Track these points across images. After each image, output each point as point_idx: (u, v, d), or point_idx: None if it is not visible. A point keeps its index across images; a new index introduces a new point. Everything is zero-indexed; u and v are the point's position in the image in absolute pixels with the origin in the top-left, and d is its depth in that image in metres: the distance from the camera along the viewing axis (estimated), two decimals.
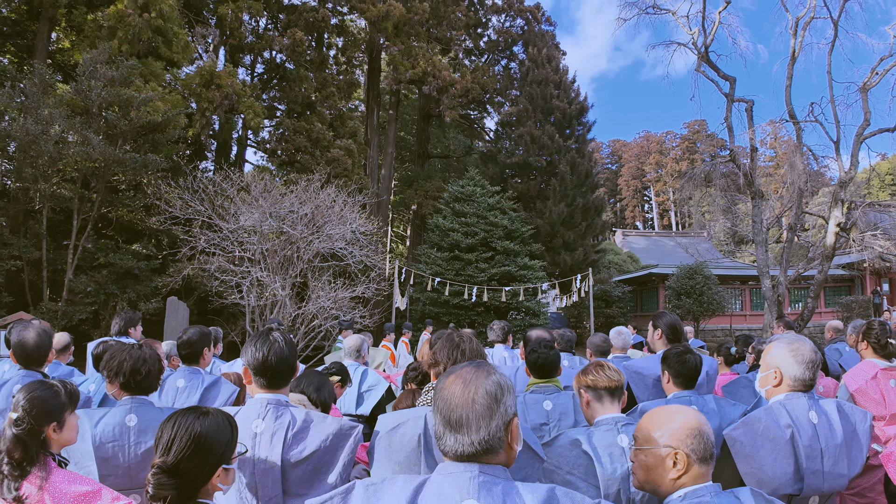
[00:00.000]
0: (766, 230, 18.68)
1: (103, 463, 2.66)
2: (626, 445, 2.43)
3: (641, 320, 27.04)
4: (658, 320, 4.11)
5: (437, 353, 2.46)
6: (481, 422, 1.43)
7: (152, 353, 2.83)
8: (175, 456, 1.67)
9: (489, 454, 1.44)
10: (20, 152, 14.85)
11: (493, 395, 1.46)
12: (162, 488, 1.62)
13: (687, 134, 73.35)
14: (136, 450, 2.66)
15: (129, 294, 15.59)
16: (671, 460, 1.85)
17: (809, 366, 2.69)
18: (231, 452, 1.79)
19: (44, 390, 2.20)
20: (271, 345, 2.36)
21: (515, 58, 30.57)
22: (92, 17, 17.74)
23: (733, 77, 19.16)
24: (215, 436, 1.74)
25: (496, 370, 1.54)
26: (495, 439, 1.44)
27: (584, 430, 2.50)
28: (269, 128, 23.77)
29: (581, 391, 2.63)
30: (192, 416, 1.76)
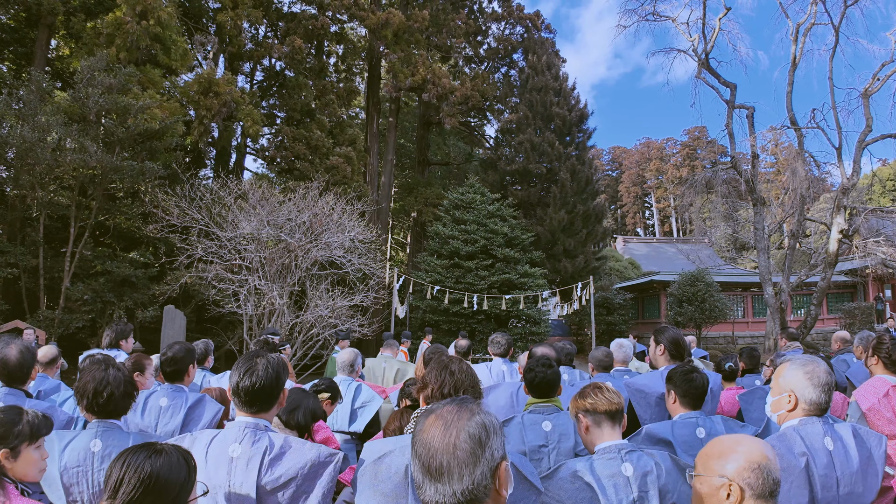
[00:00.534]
0: (767, 237, 18.57)
1: (67, 490, 2.55)
2: (630, 475, 2.31)
3: (643, 327, 26.93)
4: (660, 335, 3.98)
5: (427, 375, 2.34)
6: (464, 470, 1.28)
7: (117, 374, 2.67)
8: (122, 499, 1.53)
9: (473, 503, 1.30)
10: (17, 159, 14.76)
11: (477, 439, 1.31)
12: None
13: (687, 140, 73.36)
14: (97, 477, 2.53)
15: (127, 302, 15.48)
16: (725, 491, 1.77)
17: (825, 388, 2.58)
18: (186, 495, 1.64)
19: (3, 413, 2.05)
20: (251, 368, 2.28)
21: (515, 65, 30.58)
22: (91, 24, 17.70)
23: (734, 83, 19.12)
24: (167, 476, 1.59)
25: (481, 409, 1.40)
26: (480, 488, 1.29)
27: (586, 460, 2.36)
28: (268, 135, 23.70)
29: (579, 416, 2.50)
30: (144, 454, 1.62)
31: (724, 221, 23.88)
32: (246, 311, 13.56)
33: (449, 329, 19.20)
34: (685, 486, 2.40)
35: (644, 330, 26.36)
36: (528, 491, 2.20)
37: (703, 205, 25.20)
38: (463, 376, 2.30)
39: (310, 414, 3.09)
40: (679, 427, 3.10)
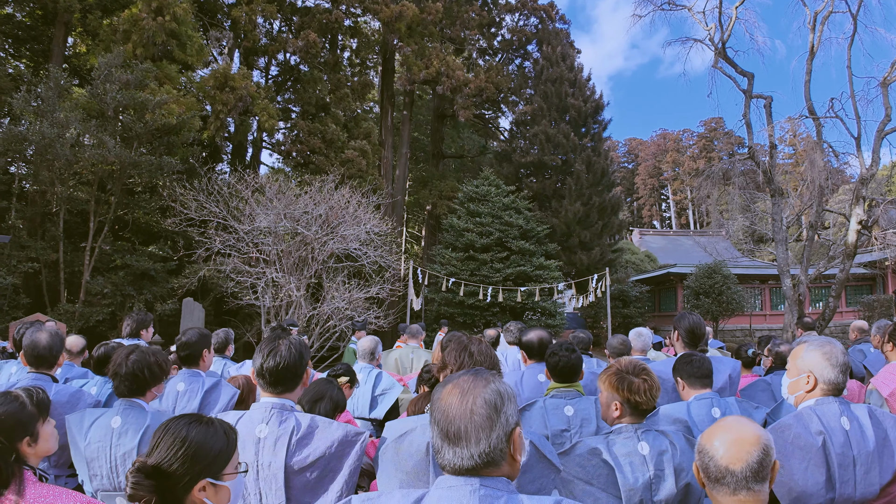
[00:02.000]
0: (785, 228, 18.38)
1: (91, 463, 2.66)
2: (647, 453, 2.33)
3: (659, 320, 26.80)
4: (678, 322, 3.99)
5: (446, 356, 2.36)
6: (481, 433, 1.35)
7: (140, 357, 2.77)
8: (155, 458, 1.58)
9: (490, 467, 1.36)
10: (37, 155, 14.97)
11: (493, 405, 1.37)
12: (137, 488, 1.53)
13: (704, 132, 72.65)
14: (115, 452, 2.63)
15: (146, 295, 15.67)
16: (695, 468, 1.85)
17: (843, 369, 2.59)
18: (220, 466, 1.66)
19: (8, 404, 2.04)
20: (274, 350, 2.31)
21: (529, 56, 30.44)
22: (107, 21, 17.87)
23: (751, 73, 18.88)
24: (201, 443, 1.62)
25: (496, 378, 1.45)
26: (496, 451, 1.35)
27: (603, 438, 2.38)
28: (283, 130, 23.84)
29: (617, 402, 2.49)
30: (185, 421, 1.67)
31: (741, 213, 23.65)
32: (264, 303, 13.68)
33: (464, 322, 19.22)
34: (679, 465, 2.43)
35: (661, 323, 26.22)
36: (547, 469, 2.23)
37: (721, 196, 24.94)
38: (482, 357, 2.32)
39: (332, 405, 3.12)
40: (695, 407, 3.13)
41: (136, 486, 1.54)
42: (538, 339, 4.12)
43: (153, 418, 2.72)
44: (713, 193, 23.02)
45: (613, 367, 2.53)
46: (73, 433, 2.78)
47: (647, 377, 2.45)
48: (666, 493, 2.29)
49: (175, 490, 1.58)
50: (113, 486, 2.66)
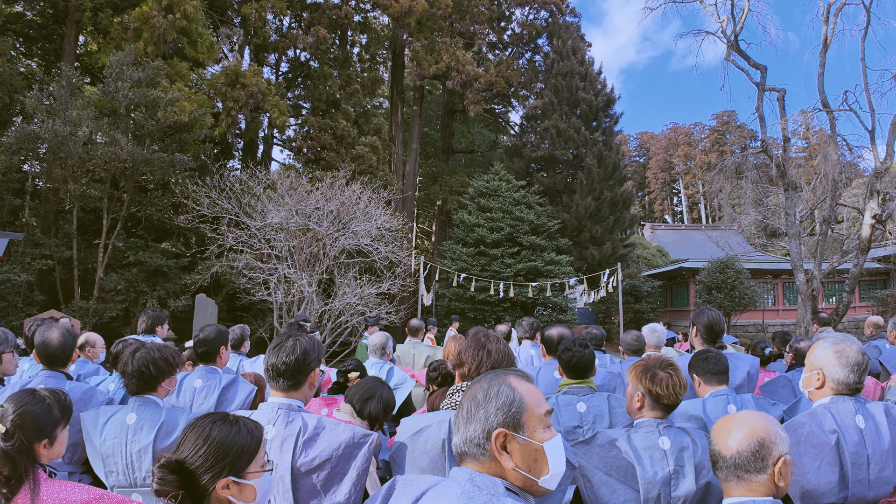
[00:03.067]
0: (799, 223, 18.22)
1: (107, 460, 2.68)
2: (667, 448, 2.32)
3: (672, 316, 26.68)
4: (697, 318, 3.97)
5: (463, 353, 2.35)
6: (461, 424, 1.44)
7: (147, 353, 2.79)
8: (180, 454, 1.60)
9: (467, 459, 1.42)
10: (49, 153, 15.09)
11: (476, 400, 1.43)
12: (162, 483, 1.56)
13: (716, 125, 72.10)
14: (130, 448, 2.65)
15: (159, 292, 15.77)
16: None
17: (854, 368, 2.57)
18: (243, 465, 1.66)
19: (35, 404, 2.06)
20: (279, 346, 2.31)
21: (540, 50, 30.31)
22: (118, 19, 17.94)
23: (764, 66, 18.69)
24: (224, 441, 1.64)
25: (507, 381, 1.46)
26: (471, 444, 1.40)
27: (623, 431, 2.38)
28: (294, 126, 23.88)
29: (640, 392, 2.49)
30: (211, 419, 1.69)
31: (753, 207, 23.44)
32: (276, 299, 13.74)
33: (475, 317, 19.22)
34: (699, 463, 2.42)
35: (673, 318, 26.11)
36: None
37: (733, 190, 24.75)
38: (500, 356, 2.32)
39: (383, 405, 3.10)
40: (710, 404, 3.12)
41: (162, 481, 1.56)
42: (557, 335, 4.10)
43: (168, 414, 2.73)
44: (726, 187, 22.84)
45: (642, 360, 2.53)
46: (87, 430, 2.79)
47: (672, 371, 2.45)
48: (685, 489, 2.28)
49: (199, 487, 1.60)
50: (129, 482, 2.67)
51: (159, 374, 2.80)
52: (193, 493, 1.59)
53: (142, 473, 2.65)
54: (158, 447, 2.64)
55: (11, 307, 14.22)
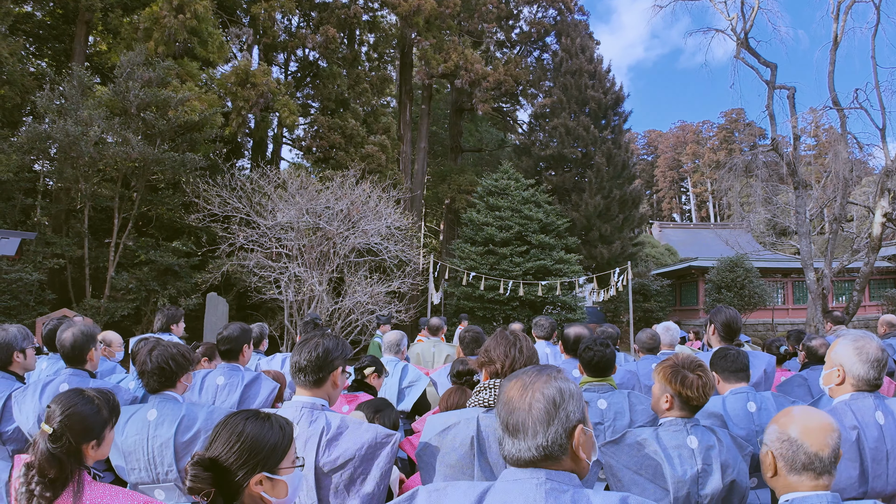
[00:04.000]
0: (809, 221, 18.13)
1: (128, 457, 2.69)
2: (695, 447, 2.33)
3: (681, 314, 26.60)
4: (715, 316, 3.97)
5: (492, 351, 2.35)
6: (538, 427, 1.39)
7: (163, 351, 2.81)
8: (214, 451, 1.61)
9: (549, 461, 1.39)
10: (60, 153, 15.17)
11: (552, 400, 1.41)
12: (196, 480, 1.55)
13: (724, 123, 71.76)
14: (152, 444, 2.66)
15: (170, 290, 15.84)
16: (767, 459, 1.84)
17: (874, 365, 2.58)
18: (278, 460, 1.68)
19: (84, 405, 2.02)
20: (305, 346, 2.33)
21: (548, 49, 30.25)
22: (128, 19, 18.04)
23: (774, 63, 18.59)
24: (257, 438, 1.65)
25: (561, 376, 1.48)
26: (555, 446, 1.38)
27: (652, 430, 2.39)
28: (303, 125, 23.93)
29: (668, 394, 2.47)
30: (243, 416, 1.70)
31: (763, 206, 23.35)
32: (287, 297, 13.80)
33: (484, 316, 19.23)
34: (743, 463, 2.44)
35: (682, 317, 26.04)
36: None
37: (742, 189, 24.66)
38: (530, 353, 2.33)
39: (390, 423, 3.15)
40: (730, 401, 3.13)
41: (195, 478, 1.55)
42: (574, 335, 4.12)
43: (188, 408, 2.75)
44: (735, 186, 22.76)
45: (671, 361, 2.52)
46: None
47: (702, 373, 2.45)
48: (712, 487, 2.29)
49: (232, 483, 1.60)
50: (151, 478, 2.69)
51: (179, 369, 2.82)
52: (225, 491, 1.59)
53: (164, 468, 2.66)
54: (179, 441, 2.66)
55: (23, 306, 14.31)
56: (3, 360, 3.39)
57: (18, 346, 3.43)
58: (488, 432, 2.18)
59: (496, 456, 2.16)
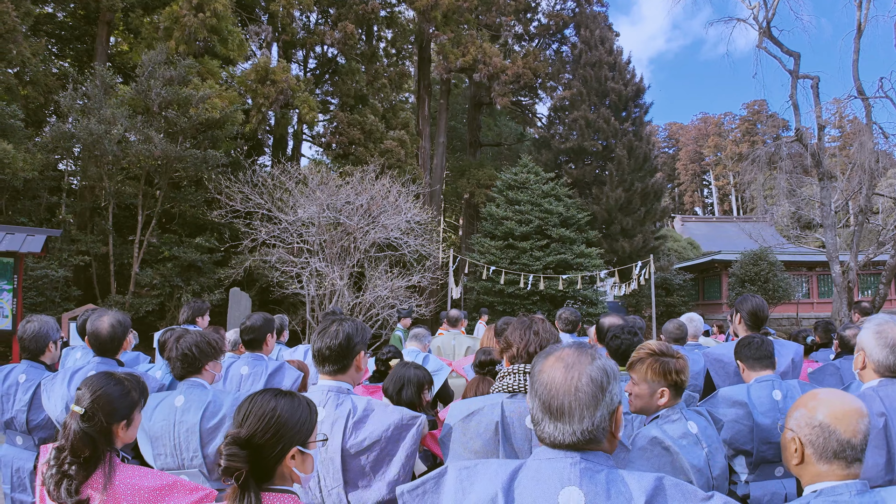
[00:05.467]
0: (834, 213, 17.85)
1: (155, 442, 2.73)
2: (696, 431, 2.32)
3: (703, 309, 26.33)
4: (740, 305, 3.92)
5: (510, 335, 2.35)
6: (585, 411, 1.35)
7: (190, 338, 2.85)
8: (248, 429, 1.60)
9: (592, 444, 1.36)
10: (84, 152, 15.42)
11: (599, 383, 1.37)
12: (233, 459, 1.55)
13: (746, 115, 70.79)
14: (178, 429, 2.69)
15: (193, 286, 16.03)
16: (793, 445, 1.74)
17: (895, 349, 2.52)
18: (308, 435, 1.70)
19: (113, 386, 2.05)
20: (324, 331, 2.35)
21: (567, 41, 30.04)
22: (148, 19, 18.25)
23: (797, 52, 18.30)
24: (290, 413, 1.67)
25: (600, 354, 1.44)
26: (599, 430, 1.36)
27: (656, 426, 2.34)
28: (323, 121, 24.03)
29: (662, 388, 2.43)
30: (271, 394, 1.71)
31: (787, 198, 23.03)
32: (308, 292, 13.90)
33: (504, 310, 19.19)
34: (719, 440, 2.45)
35: (705, 311, 25.77)
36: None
37: (766, 181, 24.33)
38: (547, 335, 2.31)
39: (415, 387, 3.16)
40: (755, 389, 3.10)
41: (232, 457, 1.55)
42: (608, 325, 4.10)
43: (214, 395, 2.78)
44: (758, 178, 22.45)
45: (646, 355, 2.45)
46: None
47: (680, 355, 2.44)
48: (720, 467, 2.30)
49: (267, 460, 1.61)
50: (177, 463, 2.72)
51: (202, 356, 2.85)
52: (260, 468, 1.60)
53: (189, 454, 2.70)
54: (204, 427, 2.69)
55: (49, 302, 14.57)
56: (38, 350, 3.46)
57: (53, 337, 3.50)
58: (513, 418, 2.18)
59: (521, 441, 2.16)
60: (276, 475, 1.64)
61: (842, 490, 1.63)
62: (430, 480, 1.52)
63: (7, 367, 3.50)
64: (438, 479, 1.51)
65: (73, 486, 1.86)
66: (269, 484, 1.62)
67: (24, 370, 3.42)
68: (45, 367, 3.52)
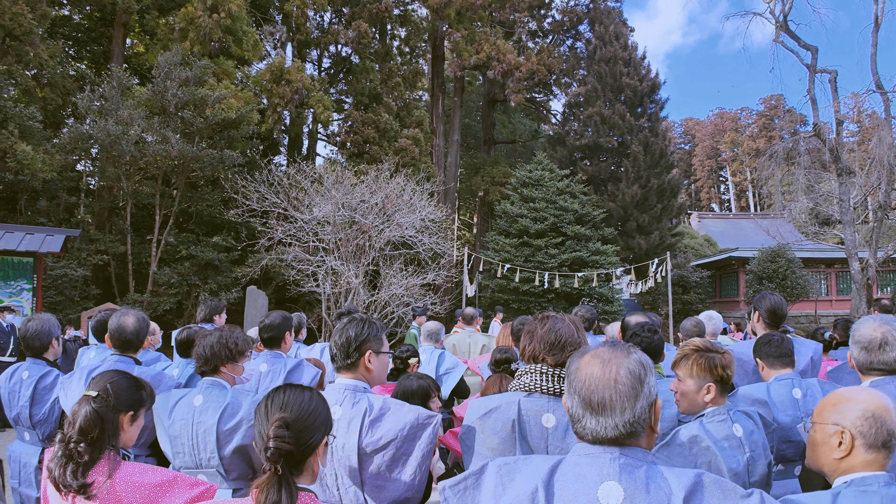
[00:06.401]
0: (853, 209, 17.64)
1: (174, 441, 2.74)
2: (741, 435, 2.30)
3: (721, 307, 26.10)
4: (759, 303, 3.89)
5: (525, 335, 2.33)
6: (626, 403, 1.36)
7: (212, 336, 2.86)
8: (293, 413, 1.62)
9: (632, 437, 1.37)
10: (102, 152, 15.62)
11: (637, 375, 1.39)
12: (282, 440, 1.55)
13: (763, 110, 70.01)
14: (196, 429, 2.69)
15: (211, 284, 16.18)
16: (837, 439, 1.78)
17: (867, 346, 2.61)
18: (331, 427, 1.74)
19: (124, 380, 2.12)
20: (339, 329, 2.36)
21: (581, 37, 29.90)
22: (163, 20, 18.40)
23: (815, 46, 18.10)
24: (322, 403, 1.72)
25: (635, 348, 1.46)
26: (640, 422, 1.37)
27: (698, 424, 2.33)
28: (337, 121, 24.12)
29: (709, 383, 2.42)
30: (298, 387, 1.74)
31: (804, 194, 22.77)
32: (324, 290, 13.98)
33: (518, 308, 19.15)
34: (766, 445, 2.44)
35: (722, 308, 25.53)
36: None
37: (784, 177, 24.06)
38: (568, 332, 2.30)
39: (419, 398, 3.15)
40: (775, 388, 3.07)
41: (280, 438, 1.55)
42: (633, 322, 4.08)
43: (233, 396, 2.78)
44: (776, 173, 22.22)
45: (691, 351, 2.46)
46: (158, 413, 2.86)
47: (725, 350, 2.44)
48: (760, 473, 2.27)
49: (304, 448, 1.61)
50: (195, 462, 2.73)
51: (214, 357, 2.83)
52: (300, 452, 1.60)
53: (206, 455, 2.70)
54: (222, 428, 2.69)
55: (69, 301, 14.78)
56: (41, 347, 3.51)
57: (55, 334, 3.56)
58: (529, 416, 2.18)
59: (537, 439, 2.16)
60: (305, 467, 1.64)
61: (871, 481, 1.70)
62: (470, 476, 1.54)
63: (14, 365, 3.57)
64: (479, 475, 1.53)
65: (79, 469, 1.88)
66: (296, 478, 1.61)
67: (27, 367, 3.48)
68: (47, 363, 3.57)
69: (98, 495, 1.89)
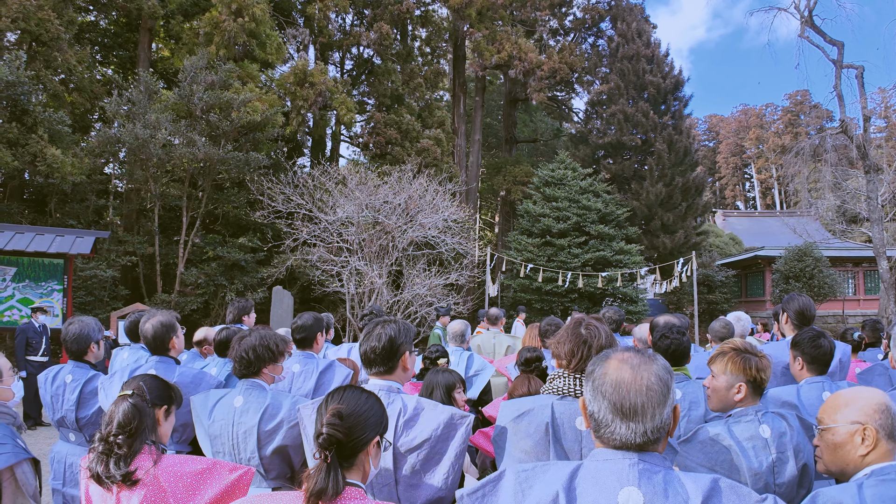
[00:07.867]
0: (881, 207, 17.35)
1: (214, 440, 2.81)
2: (768, 436, 2.30)
3: (746, 306, 25.78)
4: (787, 304, 3.87)
5: (558, 346, 2.37)
6: (656, 409, 1.38)
7: (249, 339, 2.90)
8: (348, 405, 1.68)
9: (656, 443, 1.40)
10: (130, 155, 15.89)
11: (665, 381, 1.41)
12: (335, 428, 1.61)
13: (789, 106, 68.86)
14: (237, 429, 2.75)
15: (237, 285, 16.37)
16: (859, 436, 1.83)
17: None
18: (385, 430, 1.79)
19: (154, 380, 2.27)
20: (370, 333, 2.39)
21: (603, 34, 29.72)
22: (188, 25, 18.65)
23: (841, 41, 17.83)
24: (377, 403, 1.77)
25: (657, 355, 1.48)
26: (665, 427, 1.40)
27: (723, 424, 2.35)
28: (360, 122, 24.25)
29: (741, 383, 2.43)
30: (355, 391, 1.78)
31: (831, 192, 22.40)
32: (348, 290, 14.11)
33: (541, 308, 19.11)
34: (811, 445, 2.39)
35: (748, 308, 25.22)
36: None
37: (810, 174, 23.70)
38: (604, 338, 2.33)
39: (444, 389, 3.22)
40: (805, 391, 3.06)
41: (333, 426, 1.60)
42: (663, 323, 4.09)
43: (273, 398, 2.83)
44: (802, 171, 21.90)
45: (729, 350, 2.48)
46: (197, 412, 2.94)
47: (763, 354, 2.45)
48: (788, 475, 2.27)
49: (356, 441, 1.66)
50: (235, 461, 2.78)
51: (259, 360, 2.88)
52: (351, 444, 1.65)
53: (246, 455, 2.77)
54: (262, 429, 2.74)
55: (98, 301, 15.07)
56: (81, 351, 3.58)
57: (95, 338, 3.62)
58: (563, 419, 2.21)
59: (571, 442, 2.19)
60: (356, 463, 1.68)
61: (889, 470, 1.76)
62: (488, 484, 1.54)
63: (55, 368, 3.63)
64: (497, 482, 1.53)
65: (121, 460, 1.97)
66: (346, 471, 1.66)
67: (70, 371, 3.54)
68: (89, 366, 3.64)
69: (143, 482, 1.97)
